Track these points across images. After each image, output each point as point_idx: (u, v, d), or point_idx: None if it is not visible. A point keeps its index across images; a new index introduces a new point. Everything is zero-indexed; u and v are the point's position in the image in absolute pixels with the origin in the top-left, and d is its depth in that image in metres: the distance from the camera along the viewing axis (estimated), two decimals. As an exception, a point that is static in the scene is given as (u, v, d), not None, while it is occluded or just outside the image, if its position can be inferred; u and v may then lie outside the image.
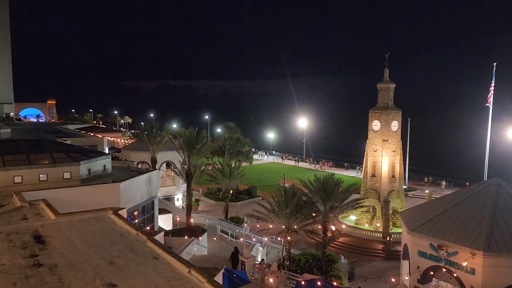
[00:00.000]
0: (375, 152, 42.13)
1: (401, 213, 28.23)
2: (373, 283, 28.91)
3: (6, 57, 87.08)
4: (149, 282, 8.73)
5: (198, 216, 40.88)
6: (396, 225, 39.62)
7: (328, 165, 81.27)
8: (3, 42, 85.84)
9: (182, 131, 40.04)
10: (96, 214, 14.22)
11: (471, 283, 19.59)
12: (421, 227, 22.33)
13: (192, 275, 8.99)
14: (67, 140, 41.77)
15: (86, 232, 12.30)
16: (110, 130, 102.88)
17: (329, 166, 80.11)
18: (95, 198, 19.84)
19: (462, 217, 21.74)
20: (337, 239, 39.59)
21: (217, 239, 35.08)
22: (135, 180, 24.88)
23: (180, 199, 48.77)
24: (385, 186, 41.30)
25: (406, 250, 24.31)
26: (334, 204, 30.32)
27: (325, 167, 78.44)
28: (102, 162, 26.28)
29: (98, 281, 8.70)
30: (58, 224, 13.08)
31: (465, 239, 20.14)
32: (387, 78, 42.25)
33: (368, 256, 36.50)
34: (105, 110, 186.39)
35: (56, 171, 22.63)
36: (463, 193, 24.89)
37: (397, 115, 41.88)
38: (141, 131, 47.18)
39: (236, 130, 60.03)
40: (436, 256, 21.12)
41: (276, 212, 28.59)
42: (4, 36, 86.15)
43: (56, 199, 17.27)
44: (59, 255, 10.23)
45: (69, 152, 25.51)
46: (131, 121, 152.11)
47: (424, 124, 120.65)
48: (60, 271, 9.17)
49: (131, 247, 10.89)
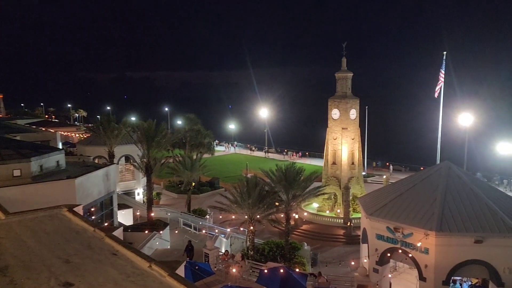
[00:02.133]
0: (335, 140, 43.11)
1: (360, 199, 29.14)
2: (335, 267, 29.81)
3: None
4: (108, 278, 8.48)
5: (159, 210, 40.23)
6: (356, 210, 40.87)
7: (298, 155, 79.92)
8: None
9: (141, 124, 39.10)
10: (50, 212, 13.58)
11: (425, 262, 20.61)
12: (378, 211, 23.15)
13: (153, 270, 8.83)
14: (16, 136, 39.72)
15: (39, 231, 11.74)
16: (64, 125, 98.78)
17: (298, 156, 79.01)
18: (49, 195, 19.00)
19: (416, 200, 22.75)
20: (300, 227, 40.35)
21: (180, 232, 34.73)
22: (91, 175, 24.07)
23: (141, 193, 47.74)
24: (345, 173, 42.43)
25: (365, 234, 25.18)
26: (296, 192, 30.82)
27: (294, 157, 77.21)
28: (55, 158, 25.17)
29: (53, 281, 8.34)
30: (8, 224, 12.38)
31: (419, 220, 21.11)
32: (345, 67, 43.18)
33: (330, 241, 37.53)
34: (58, 104, 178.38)
35: (5, 169, 21.42)
36: (417, 177, 26.01)
37: (355, 104, 43.00)
38: (97, 125, 45.54)
39: (197, 121, 59.32)
40: (392, 238, 22.01)
41: (238, 202, 28.66)
42: None
43: (6, 198, 16.35)
44: (10, 256, 9.70)
45: (19, 148, 24.21)
46: (86, 114, 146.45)
47: (381, 112, 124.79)
48: (12, 273, 8.71)
49: (88, 245, 10.51)
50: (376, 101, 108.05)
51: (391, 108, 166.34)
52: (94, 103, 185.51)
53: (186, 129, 57.33)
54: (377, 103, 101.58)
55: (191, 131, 56.71)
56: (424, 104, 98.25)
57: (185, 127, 58.62)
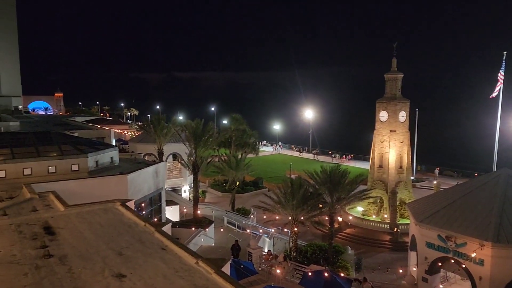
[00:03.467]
0: (383, 143, 41.88)
1: (409, 204, 28.10)
2: (380, 274, 28.91)
3: (14, 50, 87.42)
4: (157, 272, 8.79)
5: (205, 208, 41.08)
6: (403, 216, 39.49)
7: (347, 158, 77.02)
8: (10, 35, 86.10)
9: (189, 123, 40.05)
10: (104, 205, 14.32)
11: (479, 274, 19.50)
12: (429, 218, 22.21)
13: (199, 266, 9.03)
14: (74, 132, 42.05)
15: (95, 224, 12.41)
16: (117, 122, 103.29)
17: (348, 159, 75.75)
18: (103, 190, 19.99)
19: (470, 208, 21.58)
20: (344, 230, 39.60)
21: (224, 230, 35.26)
22: (142, 172, 25.00)
23: (187, 190, 48.99)
24: (392, 177, 41.10)
25: (414, 241, 24.24)
26: (341, 195, 30.27)
27: (344, 160, 74.60)
28: (109, 154, 26.43)
29: (107, 272, 8.77)
30: (67, 216, 13.20)
31: (474, 230, 20.01)
32: (395, 68, 41.80)
33: (375, 247, 36.48)
34: (112, 103, 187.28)
35: (64, 163, 22.80)
36: (472, 184, 24.68)
37: (405, 106, 41.50)
38: (147, 123, 47.30)
39: (242, 121, 59.93)
40: (444, 247, 21.03)
41: (282, 203, 28.62)
42: (11, 29, 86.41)
43: (65, 190, 17.42)
44: (68, 246, 10.33)
45: (77, 144, 25.68)
46: (137, 113, 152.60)
47: (432, 114, 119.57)
48: (70, 262, 9.27)
49: (139, 238, 10.96)
50: (428, 103, 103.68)
51: (444, 111, 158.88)
52: (145, 102, 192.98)
53: (232, 128, 58.08)
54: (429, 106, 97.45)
55: (237, 131, 57.39)
56: (480, 107, 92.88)
57: (231, 127, 59.41)
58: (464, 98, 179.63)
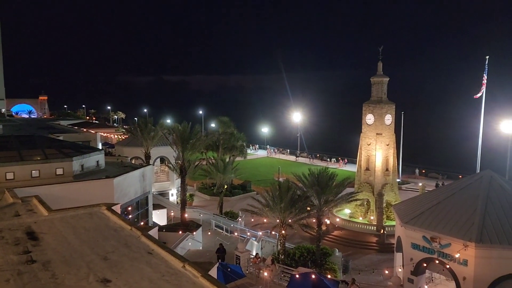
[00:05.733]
0: (369, 145, 42.28)
1: (395, 206, 28.40)
2: (367, 275, 29.13)
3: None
4: (143, 277, 8.72)
5: (192, 211, 40.87)
6: (390, 218, 39.88)
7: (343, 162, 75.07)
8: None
9: (176, 126, 39.88)
10: (90, 210, 14.15)
11: (463, 274, 19.79)
12: (414, 220, 22.48)
13: (186, 270, 9.00)
14: (59, 136, 41.51)
15: (80, 228, 12.25)
16: (104, 126, 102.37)
17: (344, 163, 74.37)
18: (89, 194, 19.75)
19: (454, 209, 21.91)
20: (331, 232, 39.79)
21: (212, 233, 35.13)
22: (128, 175, 24.79)
23: (175, 194, 48.68)
24: (379, 180, 41.50)
25: (400, 242, 24.50)
26: (329, 197, 30.45)
27: (341, 164, 73.58)
28: (95, 157, 26.15)
29: (91, 277, 8.67)
30: (51, 221, 13.00)
31: (458, 231, 20.32)
32: (381, 71, 42.31)
33: (362, 249, 36.74)
34: (98, 106, 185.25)
35: (48, 167, 22.47)
36: (456, 186, 25.07)
37: (391, 109, 42.01)
38: (134, 127, 46.92)
39: (230, 124, 59.89)
40: (429, 248, 21.30)
41: (270, 206, 28.65)
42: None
43: (49, 195, 17.16)
44: (52, 251, 10.17)
45: (62, 148, 25.34)
46: (124, 116, 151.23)
47: (418, 117, 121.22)
48: (54, 267, 9.13)
49: (125, 243, 10.86)
50: (413, 106, 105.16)
51: (428, 114, 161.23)
52: (132, 105, 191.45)
53: (219, 132, 57.99)
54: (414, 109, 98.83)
55: (225, 134, 57.32)
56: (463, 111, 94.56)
57: (218, 130, 59.32)
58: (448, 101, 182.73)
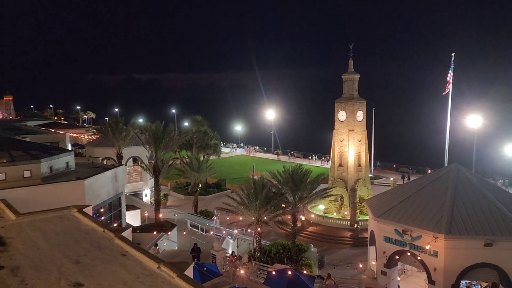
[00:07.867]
0: (342, 142, 42.98)
1: (367, 201, 28.99)
2: (342, 269, 29.66)
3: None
4: (117, 279, 8.54)
5: (167, 211, 40.37)
6: (363, 212, 40.71)
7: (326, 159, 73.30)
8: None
9: (148, 125, 39.25)
10: (60, 213, 13.72)
11: (434, 265, 20.44)
12: (386, 214, 23.01)
13: (161, 271, 8.88)
14: (26, 137, 40.14)
15: (49, 232, 11.86)
16: (73, 126, 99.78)
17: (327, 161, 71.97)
18: (59, 196, 19.17)
19: (424, 203, 22.58)
20: (306, 228, 40.24)
21: (187, 233, 34.82)
22: (100, 176, 24.23)
23: (148, 194, 47.95)
24: (352, 175, 42.27)
25: (373, 236, 25.03)
26: (303, 194, 30.75)
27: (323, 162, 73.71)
28: (64, 159, 25.38)
29: (63, 281, 8.42)
30: (19, 225, 12.53)
31: (428, 223, 20.95)
32: (352, 69, 43.05)
33: (337, 244, 37.37)
34: (67, 106, 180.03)
35: (15, 170, 21.65)
36: (425, 179, 25.82)
37: (362, 105, 42.83)
38: (105, 127, 45.84)
39: (204, 123, 59.48)
40: (401, 241, 21.87)
41: (246, 204, 28.65)
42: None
43: (17, 198, 16.54)
44: (21, 256, 9.81)
45: (29, 149, 24.46)
46: (94, 116, 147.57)
47: (388, 113, 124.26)
48: (23, 273, 8.81)
49: (98, 245, 10.60)
50: (383, 103, 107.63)
51: (398, 110, 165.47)
52: (102, 105, 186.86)
53: (193, 130, 57.50)
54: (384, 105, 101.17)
55: (198, 132, 56.89)
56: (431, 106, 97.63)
57: (192, 129, 58.79)
58: (417, 97, 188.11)
